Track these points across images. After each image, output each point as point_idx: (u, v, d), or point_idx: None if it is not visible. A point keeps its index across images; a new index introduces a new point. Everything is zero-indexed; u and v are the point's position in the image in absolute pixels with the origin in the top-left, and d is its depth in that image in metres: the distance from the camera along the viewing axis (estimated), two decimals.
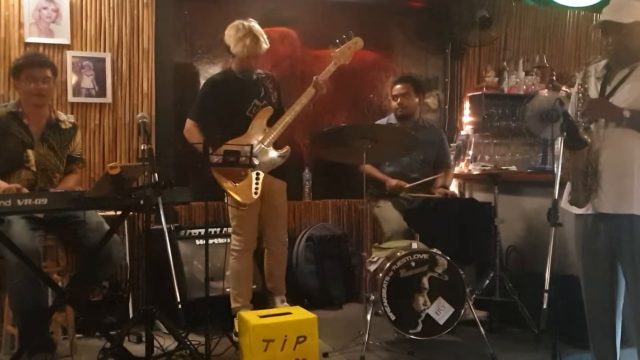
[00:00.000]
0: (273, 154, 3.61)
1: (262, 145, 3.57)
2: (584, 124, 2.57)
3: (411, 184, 4.13)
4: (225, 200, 3.62)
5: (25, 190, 3.03)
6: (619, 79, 2.62)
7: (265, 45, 3.59)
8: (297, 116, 3.68)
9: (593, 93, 2.67)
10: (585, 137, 2.51)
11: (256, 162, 3.50)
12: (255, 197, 3.49)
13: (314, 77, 3.69)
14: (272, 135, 3.60)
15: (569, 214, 2.77)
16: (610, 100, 2.60)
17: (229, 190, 3.50)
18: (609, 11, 2.61)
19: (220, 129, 3.64)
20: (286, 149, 3.66)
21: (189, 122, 3.63)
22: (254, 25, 3.58)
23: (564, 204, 2.73)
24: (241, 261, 3.66)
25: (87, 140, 4.03)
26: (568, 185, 2.73)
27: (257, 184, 3.51)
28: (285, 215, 3.95)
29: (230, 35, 3.57)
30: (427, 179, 4.16)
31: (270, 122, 3.64)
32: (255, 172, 3.51)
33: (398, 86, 4.34)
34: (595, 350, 2.81)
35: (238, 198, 3.49)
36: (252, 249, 3.73)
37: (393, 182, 4.15)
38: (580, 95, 2.65)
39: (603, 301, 2.72)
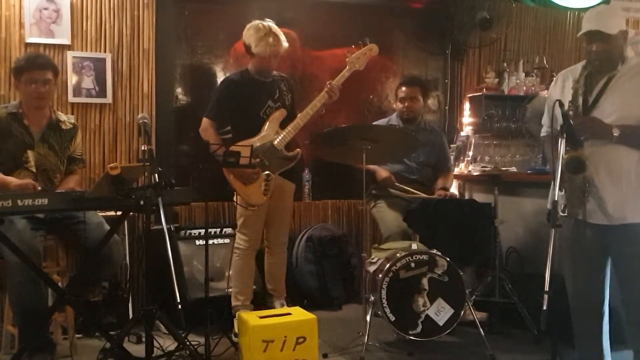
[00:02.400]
0: (284, 155, 3.63)
1: (275, 147, 3.59)
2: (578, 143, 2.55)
3: (401, 185, 4.09)
4: (234, 199, 3.63)
5: (37, 187, 3.04)
6: (599, 88, 2.64)
7: (285, 44, 3.61)
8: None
9: (574, 101, 2.67)
10: (585, 159, 2.48)
11: (267, 163, 3.54)
12: (265, 197, 3.55)
13: (328, 82, 3.69)
14: (285, 137, 3.62)
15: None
16: (593, 111, 2.62)
17: (239, 190, 3.53)
18: (595, 20, 2.61)
19: (233, 128, 3.67)
20: (297, 151, 3.68)
21: (205, 121, 3.64)
22: (273, 25, 3.60)
23: (560, 212, 2.72)
24: (244, 260, 3.67)
25: (88, 141, 4.04)
26: (565, 195, 2.69)
27: (267, 184, 3.55)
28: (290, 217, 3.98)
29: (250, 35, 3.57)
30: (417, 194, 4.09)
31: (283, 125, 3.65)
32: (265, 173, 3.55)
33: (405, 89, 4.27)
34: (581, 351, 2.83)
35: (248, 198, 3.52)
36: (256, 249, 3.74)
37: (384, 174, 4.10)
38: (571, 112, 2.63)
39: (591, 302, 2.74)
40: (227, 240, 4.08)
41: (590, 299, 2.75)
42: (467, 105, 5.18)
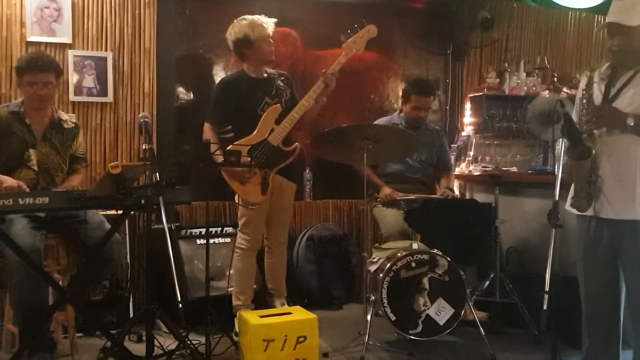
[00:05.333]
0: (281, 151, 3.58)
1: (270, 143, 3.55)
2: (588, 131, 2.56)
3: (402, 197, 4.08)
4: (235, 199, 3.62)
5: (26, 189, 3.04)
6: (622, 82, 2.60)
7: (272, 21, 3.66)
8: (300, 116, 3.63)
9: (597, 95, 2.65)
10: (589, 145, 2.49)
11: (263, 160, 3.51)
12: (263, 196, 3.52)
13: (323, 71, 3.62)
14: (280, 133, 3.56)
15: (570, 215, 2.77)
16: (613, 103, 2.58)
17: (237, 190, 3.52)
18: (616, 12, 2.57)
19: (232, 128, 3.66)
20: (295, 145, 3.63)
21: (206, 126, 3.65)
22: None
23: (566, 205, 2.73)
24: (245, 260, 3.67)
25: (89, 140, 4.03)
26: (572, 187, 2.72)
27: (264, 182, 3.53)
28: (290, 217, 3.97)
29: (243, 25, 3.59)
30: (420, 195, 4.08)
31: (279, 120, 3.61)
32: (263, 171, 3.53)
33: (422, 98, 4.17)
34: (590, 353, 2.78)
35: (247, 197, 3.51)
36: (257, 249, 3.74)
37: (387, 190, 4.11)
38: (585, 101, 2.63)
39: (604, 303, 2.70)
40: (228, 240, 4.08)
41: (606, 300, 2.70)
42: (468, 105, 5.18)
